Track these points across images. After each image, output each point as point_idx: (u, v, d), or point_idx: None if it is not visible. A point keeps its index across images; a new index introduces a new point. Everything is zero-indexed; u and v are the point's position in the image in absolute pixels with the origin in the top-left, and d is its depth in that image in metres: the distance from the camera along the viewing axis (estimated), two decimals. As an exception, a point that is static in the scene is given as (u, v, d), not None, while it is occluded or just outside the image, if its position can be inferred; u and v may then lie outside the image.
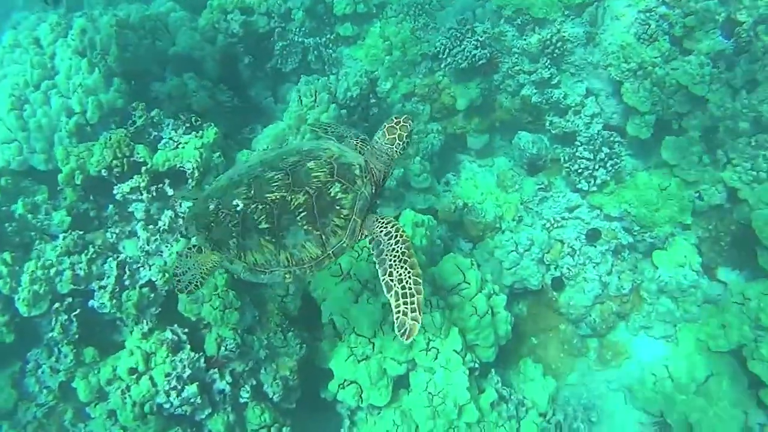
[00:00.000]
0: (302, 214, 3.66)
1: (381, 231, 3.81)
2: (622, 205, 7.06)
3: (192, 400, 5.59)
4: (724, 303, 6.63)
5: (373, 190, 3.95)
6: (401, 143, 3.96)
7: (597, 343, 7.04)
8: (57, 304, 6.09)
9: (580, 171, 7.15)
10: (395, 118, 4.00)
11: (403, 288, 3.63)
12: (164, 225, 6.09)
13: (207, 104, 7.54)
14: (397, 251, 3.72)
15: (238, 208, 3.71)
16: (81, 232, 6.29)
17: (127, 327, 6.45)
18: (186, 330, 5.98)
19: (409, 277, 3.66)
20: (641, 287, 6.93)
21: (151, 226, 6.08)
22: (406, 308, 3.56)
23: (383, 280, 3.69)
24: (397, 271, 3.67)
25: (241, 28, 8.01)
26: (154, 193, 6.09)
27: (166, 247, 6.10)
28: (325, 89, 6.58)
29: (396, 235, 3.76)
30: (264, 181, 3.75)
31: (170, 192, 6.17)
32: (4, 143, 7.22)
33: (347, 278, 6.25)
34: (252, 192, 3.74)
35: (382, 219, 3.88)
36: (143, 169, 6.13)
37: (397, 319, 3.54)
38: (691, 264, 6.81)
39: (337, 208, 3.72)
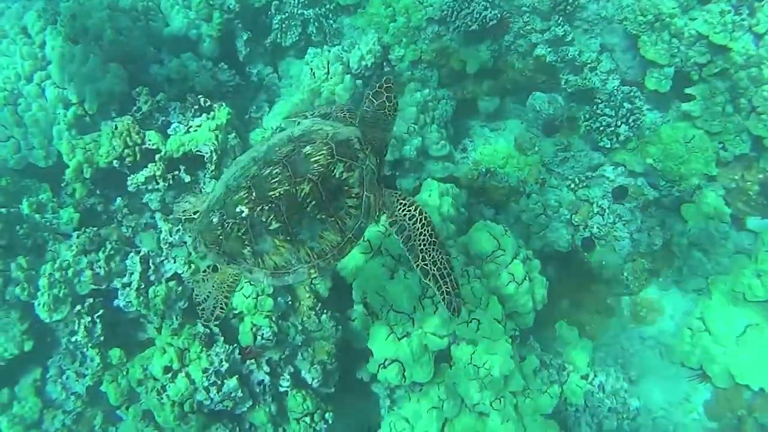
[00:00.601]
0: (312, 204, 3.45)
1: (404, 214, 3.77)
2: (646, 160, 6.93)
3: (233, 394, 5.42)
4: (757, 252, 6.57)
5: (377, 161, 3.82)
6: (391, 105, 3.87)
7: (630, 301, 6.96)
8: (79, 307, 5.84)
9: (601, 128, 6.99)
10: (376, 83, 3.88)
11: (439, 270, 3.72)
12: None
13: (210, 85, 7.20)
14: (425, 234, 3.74)
15: (244, 215, 3.44)
16: (95, 229, 6.01)
17: (151, 324, 6.24)
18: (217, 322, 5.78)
19: (442, 258, 3.74)
20: (671, 242, 6.84)
21: (171, 216, 5.81)
22: (448, 288, 3.70)
23: (417, 265, 3.74)
24: (430, 255, 3.72)
25: (237, 3, 7.63)
26: (171, 181, 5.80)
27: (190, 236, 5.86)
28: (337, 60, 6.29)
29: (420, 218, 3.76)
30: (263, 179, 3.49)
31: (187, 179, 5.90)
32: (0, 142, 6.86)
33: (378, 254, 6.06)
34: (253, 194, 3.47)
35: (402, 198, 3.81)
36: (157, 156, 5.84)
37: (444, 300, 3.71)
38: (720, 215, 6.73)
39: (346, 188, 3.55)
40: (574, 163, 7.20)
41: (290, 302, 5.87)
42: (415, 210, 3.76)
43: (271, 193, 3.43)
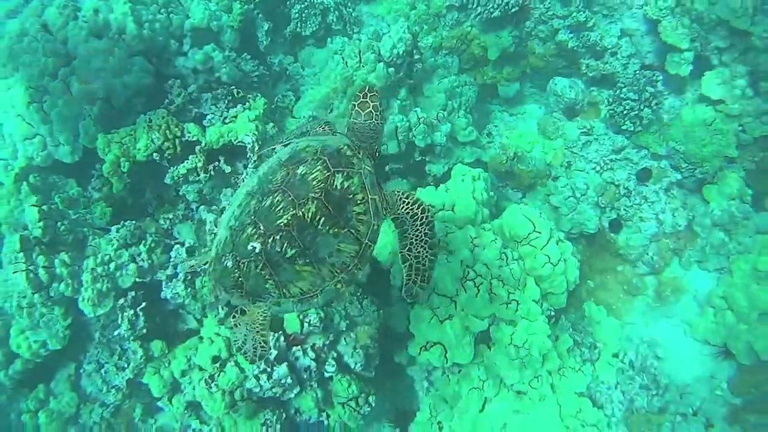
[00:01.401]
0: (322, 221, 3.45)
1: (406, 211, 3.88)
2: (669, 143, 7.08)
3: (283, 381, 5.51)
4: (778, 231, 6.78)
5: (372, 163, 3.86)
6: (377, 113, 3.92)
7: (654, 280, 7.14)
8: (122, 300, 5.89)
9: (624, 112, 7.12)
10: (359, 92, 3.95)
11: (418, 263, 3.89)
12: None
13: (236, 76, 7.21)
14: (421, 232, 3.89)
15: (257, 250, 3.43)
16: (135, 222, 6.04)
17: (191, 314, 6.31)
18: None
19: (426, 256, 3.89)
20: (694, 222, 7.02)
21: (215, 207, 5.86)
22: (417, 279, 3.88)
23: (401, 251, 3.91)
24: (417, 250, 3.89)
25: (257, -7, 7.65)
26: (212, 172, 5.85)
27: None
28: (369, 49, 6.34)
29: (422, 217, 3.88)
30: (266, 210, 3.48)
31: (227, 169, 5.94)
32: (26, 139, 6.82)
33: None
34: (261, 227, 3.45)
35: (404, 197, 3.90)
36: (197, 148, 5.87)
37: (406, 284, 3.89)
38: (742, 196, 6.92)
39: (350, 196, 3.57)
40: (597, 147, 7.33)
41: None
42: (417, 208, 3.86)
43: (279, 221, 3.41)
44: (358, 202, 3.58)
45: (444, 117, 6.82)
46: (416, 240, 3.88)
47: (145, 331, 6.03)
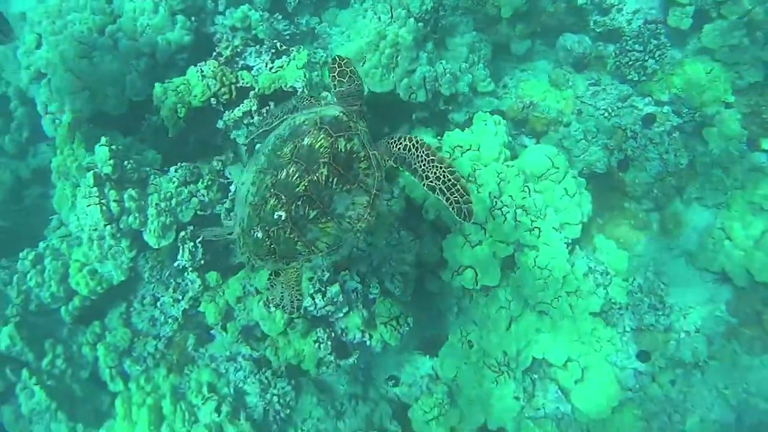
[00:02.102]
0: (334, 181, 3.95)
1: (398, 148, 4.25)
2: (671, 90, 7.74)
3: (335, 300, 6.12)
4: (770, 168, 7.50)
5: (365, 122, 4.39)
6: (354, 77, 4.47)
7: (658, 215, 7.83)
8: (183, 233, 6.47)
9: (630, 63, 7.76)
10: (332, 64, 4.49)
11: (444, 183, 4.04)
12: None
13: (271, 34, 7.75)
14: (421, 155, 4.16)
15: (284, 218, 3.91)
16: (193, 163, 6.61)
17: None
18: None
19: (444, 171, 4.07)
20: (695, 161, 7.70)
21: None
22: (457, 197, 4.00)
23: (424, 184, 4.12)
24: (432, 172, 4.09)
25: (286, -45, 8.16)
26: (265, 115, 6.43)
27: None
28: (400, 5, 6.92)
29: (413, 144, 4.21)
30: (283, 182, 3.95)
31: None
32: (76, 92, 7.30)
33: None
34: (283, 197, 3.92)
35: (391, 139, 4.32)
36: (251, 93, 6.44)
37: (453, 208, 4.00)
38: (738, 137, 7.60)
39: (354, 156, 4.09)
40: (605, 96, 7.96)
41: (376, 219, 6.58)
42: (406, 140, 4.26)
43: (297, 189, 3.91)
44: (362, 159, 4.12)
45: (466, 68, 7.41)
46: (424, 164, 4.13)
47: (203, 262, 6.63)
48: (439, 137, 7.26)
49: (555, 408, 6.98)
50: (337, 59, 4.52)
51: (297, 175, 3.93)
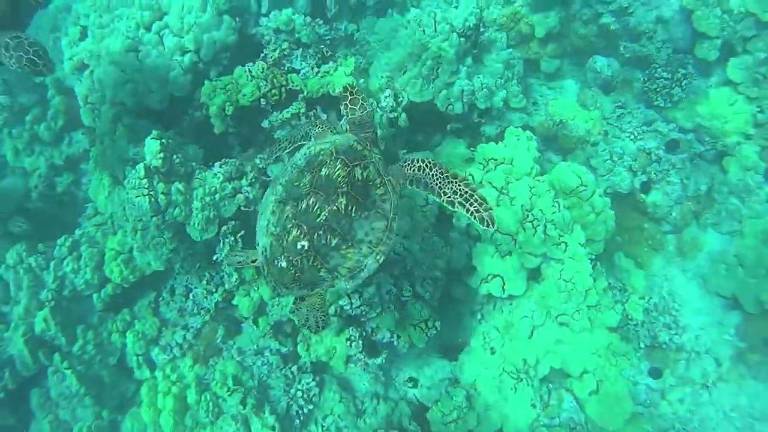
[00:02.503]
0: (353, 209, 4.13)
1: (412, 170, 4.48)
2: (695, 119, 8.05)
3: (370, 300, 6.34)
4: (785, 200, 7.83)
5: (378, 149, 4.59)
6: (366, 105, 4.66)
7: (675, 239, 8.13)
8: (225, 227, 6.66)
9: (657, 90, 8.08)
10: (344, 93, 4.66)
11: (461, 195, 4.29)
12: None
13: (314, 38, 7.98)
14: (436, 174, 4.39)
15: (306, 247, 4.10)
16: (239, 160, 6.82)
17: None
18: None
19: (459, 185, 4.32)
20: (713, 188, 8.01)
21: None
22: (476, 206, 4.25)
23: (443, 201, 4.36)
24: (449, 188, 4.33)
25: (327, -37, 8.38)
26: (313, 117, 6.65)
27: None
28: (444, 20, 7.18)
29: (425, 164, 4.44)
30: (304, 213, 4.14)
31: (324, 117, 6.76)
32: (119, 85, 7.46)
33: (479, 187, 7.02)
34: (305, 228, 4.11)
35: (403, 163, 4.56)
36: (300, 96, 6.66)
37: (475, 218, 4.25)
38: (756, 168, 7.92)
39: (371, 183, 4.27)
40: (630, 119, 8.28)
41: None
42: (419, 162, 4.48)
43: (319, 219, 4.10)
44: (378, 185, 4.32)
45: (501, 84, 7.68)
46: (440, 182, 4.34)
47: (241, 256, 6.82)
48: (472, 148, 7.51)
49: (569, 417, 7.22)
50: (348, 87, 4.72)
51: (317, 206, 4.12)
